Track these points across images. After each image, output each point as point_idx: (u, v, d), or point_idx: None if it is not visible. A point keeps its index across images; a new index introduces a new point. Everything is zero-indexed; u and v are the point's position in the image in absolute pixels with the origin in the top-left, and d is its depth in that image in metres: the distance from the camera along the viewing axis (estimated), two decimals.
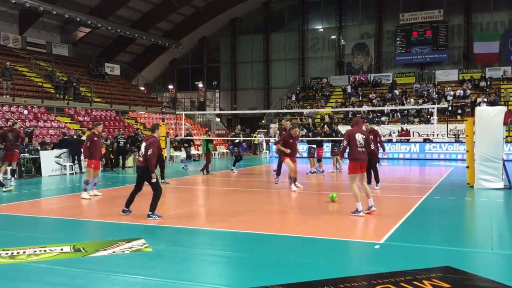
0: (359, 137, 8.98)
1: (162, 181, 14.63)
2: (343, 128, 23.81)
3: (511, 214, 9.89)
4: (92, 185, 11.81)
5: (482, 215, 9.77)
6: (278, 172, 14.18)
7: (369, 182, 12.70)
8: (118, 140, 20.36)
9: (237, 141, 19.06)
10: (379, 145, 12.89)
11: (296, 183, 12.75)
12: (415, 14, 35.41)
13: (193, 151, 27.09)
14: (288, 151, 12.49)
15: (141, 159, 8.73)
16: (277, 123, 31.77)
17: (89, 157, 11.62)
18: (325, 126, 18.77)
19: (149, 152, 8.53)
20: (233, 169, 18.35)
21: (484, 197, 11.38)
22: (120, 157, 20.52)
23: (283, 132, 14.40)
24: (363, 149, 8.99)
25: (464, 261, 6.04)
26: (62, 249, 6.61)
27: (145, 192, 9.29)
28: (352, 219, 8.79)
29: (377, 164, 12.81)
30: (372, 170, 12.66)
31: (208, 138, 18.32)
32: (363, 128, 10.26)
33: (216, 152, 28.55)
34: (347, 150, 9.08)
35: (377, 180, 12.77)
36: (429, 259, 6.05)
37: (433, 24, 34.93)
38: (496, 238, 7.33)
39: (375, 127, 28.10)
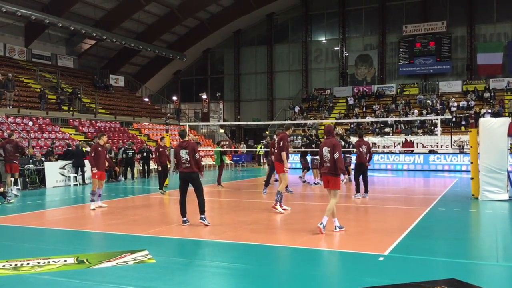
0: (325, 151, 8.40)
1: (160, 191, 14.96)
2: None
3: None
4: (97, 196, 11.80)
5: (487, 227, 9.71)
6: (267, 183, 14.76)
7: (357, 190, 13.07)
8: (127, 151, 20.55)
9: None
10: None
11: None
12: (418, 25, 35.54)
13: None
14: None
15: (188, 165, 9.00)
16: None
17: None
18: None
19: (197, 156, 9.09)
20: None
21: (489, 208, 11.32)
22: (129, 168, 20.76)
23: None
24: (329, 163, 8.33)
25: (469, 273, 6.00)
26: (65, 261, 6.61)
27: (139, 204, 9.28)
28: (356, 230, 8.76)
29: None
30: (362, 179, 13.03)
31: (222, 149, 18.30)
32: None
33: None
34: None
35: (358, 190, 13.04)
36: (434, 271, 6.02)
37: (436, 36, 35.02)
38: (501, 250, 7.28)
39: (379, 138, 28.24)
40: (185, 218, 9.21)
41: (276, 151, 11.08)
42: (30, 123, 22.20)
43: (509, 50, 33.25)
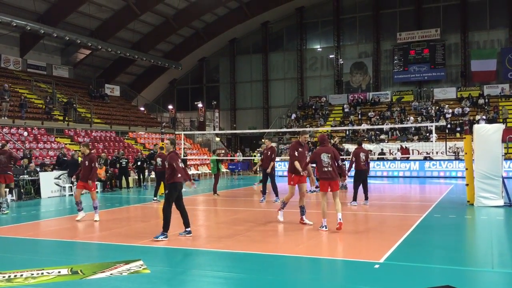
0: (324, 156, 9.18)
1: (155, 199, 15.07)
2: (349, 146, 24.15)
3: (511, 232, 9.84)
4: (93, 208, 11.49)
5: (482, 233, 9.71)
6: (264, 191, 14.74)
7: (355, 198, 13.21)
8: (120, 161, 20.49)
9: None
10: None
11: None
12: (412, 33, 35.75)
13: (192, 171, 27.11)
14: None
15: (180, 175, 8.88)
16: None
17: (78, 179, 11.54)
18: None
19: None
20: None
21: (484, 215, 11.33)
22: (123, 177, 20.69)
23: (264, 151, 14.72)
24: (330, 168, 9.14)
25: (465, 280, 6.00)
26: (59, 272, 6.56)
27: (134, 214, 9.24)
28: (352, 238, 8.76)
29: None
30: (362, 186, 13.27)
31: (218, 158, 18.28)
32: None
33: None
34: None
35: (355, 198, 13.19)
36: (429, 279, 6.01)
37: (430, 43, 35.24)
38: (496, 257, 7.28)
39: (375, 145, 28.30)
40: (166, 233, 8.73)
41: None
42: (25, 134, 22.13)
43: (503, 57, 33.49)
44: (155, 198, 15.21)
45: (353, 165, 13.20)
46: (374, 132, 31.20)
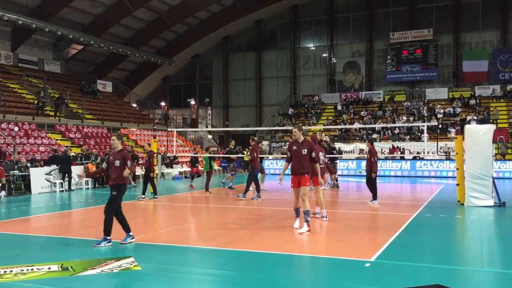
0: (321, 155, 10.40)
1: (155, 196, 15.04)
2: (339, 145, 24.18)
3: (501, 231, 9.94)
4: None
5: (472, 232, 9.79)
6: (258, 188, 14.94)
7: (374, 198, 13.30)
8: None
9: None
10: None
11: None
12: (405, 33, 35.88)
13: (184, 168, 27.05)
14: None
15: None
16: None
17: None
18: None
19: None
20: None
21: (474, 214, 11.42)
22: None
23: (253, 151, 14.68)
24: (324, 165, 10.53)
25: (455, 279, 6.04)
26: (49, 268, 6.52)
27: (124, 210, 9.20)
28: (343, 236, 8.79)
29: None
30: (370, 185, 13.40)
31: (211, 155, 18.27)
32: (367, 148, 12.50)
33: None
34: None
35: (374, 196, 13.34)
36: (419, 277, 6.05)
37: (423, 43, 35.40)
38: (486, 256, 7.34)
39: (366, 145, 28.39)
40: (110, 237, 8.13)
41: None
42: (16, 129, 21.95)
43: (494, 58, 33.70)
44: (143, 196, 15.11)
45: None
46: (366, 131, 31.32)
